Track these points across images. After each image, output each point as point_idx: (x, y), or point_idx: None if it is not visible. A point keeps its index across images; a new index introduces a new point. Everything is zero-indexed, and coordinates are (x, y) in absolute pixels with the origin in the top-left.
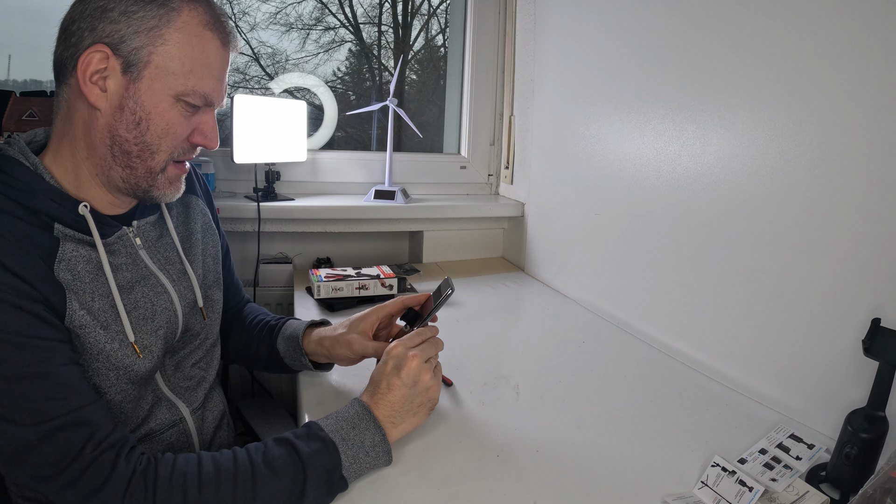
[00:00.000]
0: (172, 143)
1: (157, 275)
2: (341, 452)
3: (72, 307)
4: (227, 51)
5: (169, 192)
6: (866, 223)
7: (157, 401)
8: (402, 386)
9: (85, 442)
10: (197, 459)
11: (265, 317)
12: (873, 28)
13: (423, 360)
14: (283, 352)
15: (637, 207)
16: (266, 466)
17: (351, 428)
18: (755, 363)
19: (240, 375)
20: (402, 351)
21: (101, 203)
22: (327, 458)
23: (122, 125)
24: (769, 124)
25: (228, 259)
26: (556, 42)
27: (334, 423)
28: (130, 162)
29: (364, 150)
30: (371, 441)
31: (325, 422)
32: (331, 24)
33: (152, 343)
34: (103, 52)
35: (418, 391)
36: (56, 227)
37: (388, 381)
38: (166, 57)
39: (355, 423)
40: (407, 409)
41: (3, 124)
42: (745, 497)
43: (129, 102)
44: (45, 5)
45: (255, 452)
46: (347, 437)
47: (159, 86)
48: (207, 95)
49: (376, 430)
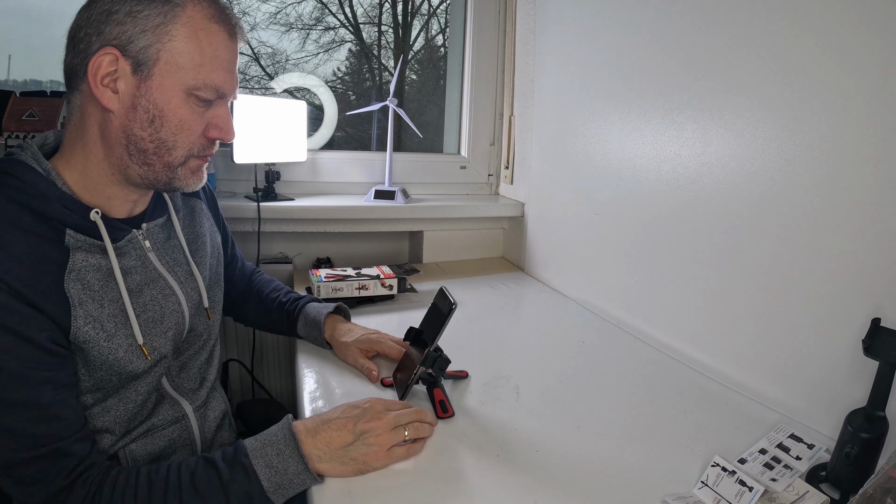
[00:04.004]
0: (188, 138)
1: (165, 276)
2: (263, 480)
3: (76, 324)
4: (235, 42)
5: (192, 182)
6: (867, 223)
7: (161, 399)
8: (350, 434)
9: (58, 471)
10: (135, 478)
11: (280, 294)
12: (874, 28)
13: (392, 422)
14: (305, 334)
15: (637, 207)
16: (192, 487)
17: (276, 454)
18: (755, 363)
19: (240, 375)
20: (379, 408)
21: (113, 205)
22: (248, 484)
23: (137, 124)
24: (770, 124)
25: (235, 251)
26: (556, 42)
27: (260, 449)
28: (147, 159)
29: (364, 150)
30: (294, 469)
31: (252, 444)
32: (331, 24)
33: (161, 344)
34: (112, 55)
35: (361, 447)
36: (67, 235)
37: (344, 422)
38: (174, 53)
39: (281, 449)
40: (340, 455)
41: (3, 124)
42: (745, 497)
43: (141, 101)
44: (45, 5)
45: (185, 472)
46: (271, 463)
47: (170, 82)
48: (219, 87)
49: (299, 460)
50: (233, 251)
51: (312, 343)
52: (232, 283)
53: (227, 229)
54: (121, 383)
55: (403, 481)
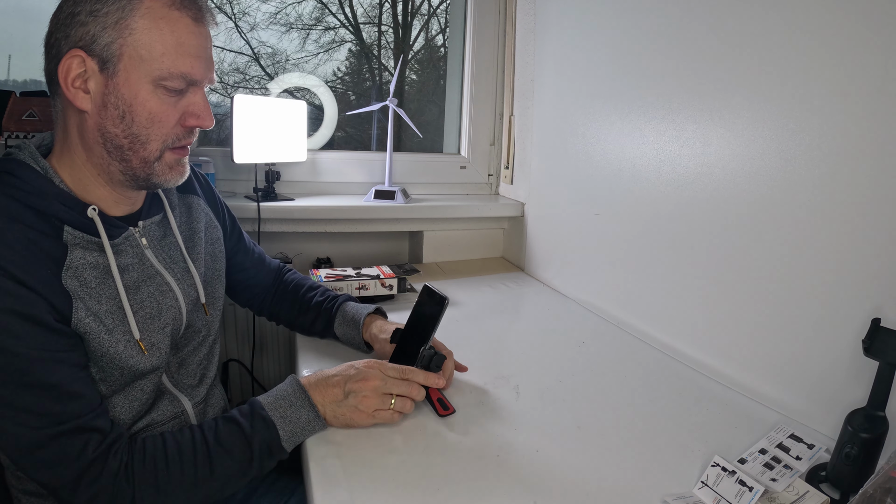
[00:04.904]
0: (161, 130)
1: (162, 273)
2: (279, 429)
3: (77, 315)
4: (203, 26)
5: (170, 177)
6: (867, 223)
7: (161, 395)
8: (341, 391)
9: (84, 445)
10: (162, 444)
11: (316, 293)
12: (874, 27)
13: (380, 388)
14: (341, 333)
15: (637, 207)
16: (218, 444)
17: (288, 406)
18: (755, 363)
19: (240, 375)
20: (373, 371)
21: (108, 204)
22: (268, 433)
23: (109, 121)
24: (770, 124)
25: (243, 242)
26: (556, 42)
27: (274, 402)
28: (124, 155)
29: (364, 150)
30: (306, 417)
31: (265, 399)
32: (331, 24)
33: (159, 340)
34: (79, 56)
35: (348, 405)
36: (65, 232)
37: (339, 379)
38: (136, 46)
39: (292, 401)
40: (332, 408)
41: (3, 124)
42: (745, 497)
43: (110, 98)
44: (45, 6)
45: (209, 431)
46: (285, 414)
47: (136, 76)
48: (186, 74)
49: (310, 408)
50: (244, 244)
51: (348, 344)
52: (257, 278)
53: (233, 222)
54: (123, 378)
55: (403, 481)
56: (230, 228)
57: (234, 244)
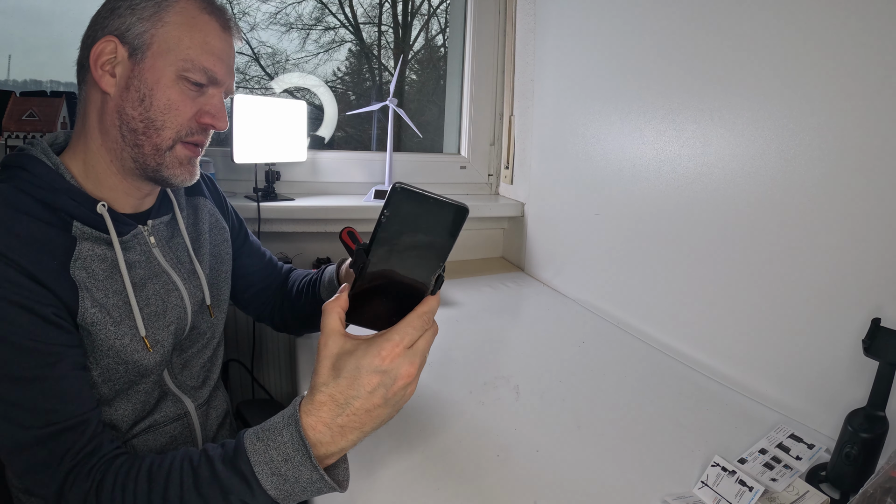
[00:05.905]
0: (176, 120)
1: (168, 273)
2: (268, 490)
3: (84, 305)
4: (229, 35)
5: (180, 174)
6: (866, 223)
7: (164, 395)
8: (384, 406)
9: (67, 450)
10: (136, 474)
11: (302, 279)
12: (874, 27)
13: (419, 370)
14: (326, 296)
15: (637, 207)
16: (195, 488)
17: (283, 461)
18: (755, 363)
19: (240, 375)
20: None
21: (118, 197)
22: (249, 496)
23: (129, 103)
24: (769, 124)
25: (249, 243)
26: (556, 42)
27: (263, 452)
28: (137, 140)
29: (364, 150)
30: (308, 479)
31: (253, 446)
32: (331, 24)
33: (163, 338)
34: (112, 42)
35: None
36: (74, 226)
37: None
38: (166, 37)
39: (289, 455)
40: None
41: (3, 124)
42: (745, 497)
43: (134, 81)
44: (45, 6)
45: (186, 473)
46: (278, 471)
47: (161, 63)
48: (208, 70)
49: (313, 470)
50: (251, 245)
51: None
52: (265, 282)
53: (241, 223)
54: (127, 376)
55: (403, 480)
56: (238, 228)
57: (241, 245)
